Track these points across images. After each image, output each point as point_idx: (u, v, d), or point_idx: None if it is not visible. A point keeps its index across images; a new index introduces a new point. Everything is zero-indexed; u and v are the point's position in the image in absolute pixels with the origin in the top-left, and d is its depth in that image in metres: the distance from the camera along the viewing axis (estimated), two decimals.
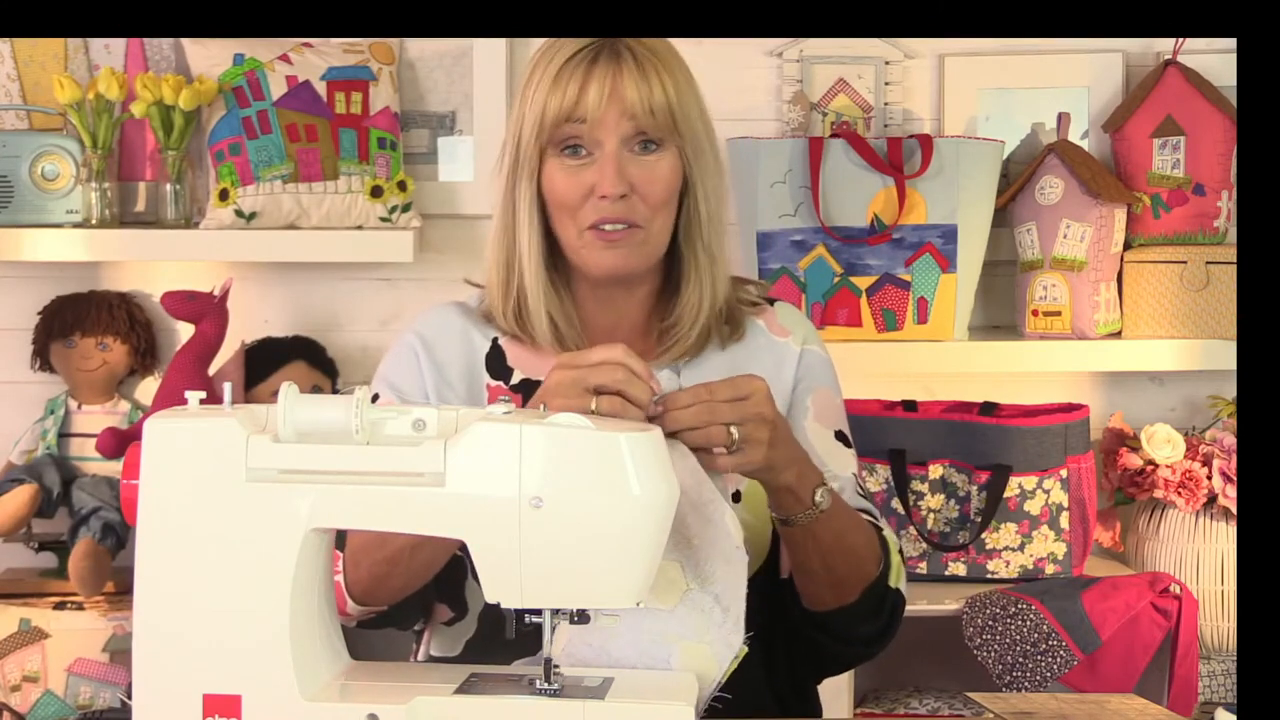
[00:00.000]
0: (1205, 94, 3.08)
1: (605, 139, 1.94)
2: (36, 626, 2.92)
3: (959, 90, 3.18)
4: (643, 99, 1.93)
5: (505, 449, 1.55)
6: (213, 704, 1.58)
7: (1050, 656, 2.73)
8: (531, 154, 1.96)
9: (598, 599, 1.59)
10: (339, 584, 1.93)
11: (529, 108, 1.96)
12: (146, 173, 3.15)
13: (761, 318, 2.09)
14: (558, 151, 1.96)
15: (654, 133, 1.95)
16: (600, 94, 1.92)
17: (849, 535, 1.92)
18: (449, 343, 2.04)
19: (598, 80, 1.93)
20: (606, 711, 1.58)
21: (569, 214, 1.96)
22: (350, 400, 1.58)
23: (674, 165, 1.97)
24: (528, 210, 1.98)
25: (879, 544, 1.97)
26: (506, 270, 2.01)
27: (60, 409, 3.09)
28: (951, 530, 2.95)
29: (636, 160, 1.95)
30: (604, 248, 1.96)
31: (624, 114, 1.93)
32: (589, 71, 1.93)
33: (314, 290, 3.19)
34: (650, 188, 1.95)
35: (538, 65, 1.98)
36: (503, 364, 2.03)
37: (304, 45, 3.07)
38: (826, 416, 2.06)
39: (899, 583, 2.00)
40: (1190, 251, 3.07)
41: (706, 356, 2.04)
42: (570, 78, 1.93)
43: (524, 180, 1.97)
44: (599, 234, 1.95)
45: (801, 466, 1.85)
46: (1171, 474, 2.98)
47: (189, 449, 1.59)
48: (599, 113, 1.92)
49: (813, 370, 2.08)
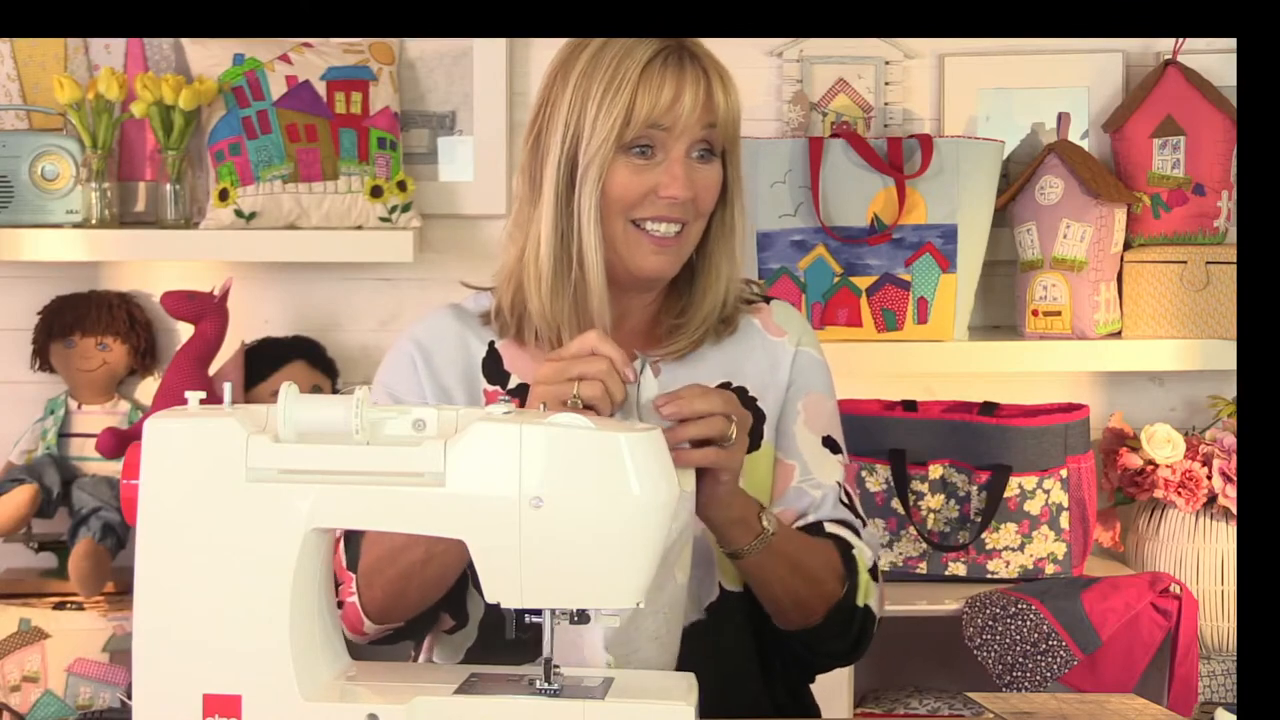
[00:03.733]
0: (1205, 94, 3.08)
1: (676, 143, 1.94)
2: (36, 626, 2.92)
3: (959, 90, 3.18)
4: (723, 109, 1.96)
5: (505, 449, 1.55)
6: (213, 704, 1.58)
7: (1050, 656, 2.73)
8: (606, 154, 1.93)
9: (598, 599, 1.59)
10: (354, 606, 1.93)
11: (603, 110, 1.93)
12: (146, 173, 3.15)
13: (757, 316, 2.09)
14: (626, 150, 1.95)
15: (718, 142, 1.98)
16: (695, 100, 1.93)
17: (804, 557, 1.93)
18: (446, 349, 2.03)
19: (691, 86, 1.94)
20: (606, 711, 1.58)
21: (623, 210, 1.95)
22: (350, 400, 1.58)
23: (720, 174, 1.99)
24: (591, 212, 1.94)
25: (841, 563, 1.97)
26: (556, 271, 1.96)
27: (60, 409, 3.09)
28: (951, 530, 2.95)
29: (696, 167, 1.96)
30: (654, 251, 1.96)
31: (706, 122, 1.95)
32: (680, 76, 1.94)
33: (314, 290, 3.19)
34: (707, 194, 1.97)
35: (603, 65, 1.94)
36: (499, 368, 2.02)
37: (304, 45, 3.07)
38: (816, 422, 2.06)
39: (868, 600, 2.00)
40: (1190, 251, 3.07)
41: (701, 353, 2.04)
42: (663, 81, 1.93)
43: (590, 183, 1.94)
44: (650, 237, 1.96)
45: (745, 496, 1.88)
46: (1171, 474, 2.98)
47: (189, 449, 1.59)
48: (691, 117, 1.94)
49: (806, 373, 2.07)
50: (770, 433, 2.04)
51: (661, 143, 1.94)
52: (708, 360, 2.04)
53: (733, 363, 2.04)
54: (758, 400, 2.04)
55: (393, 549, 1.88)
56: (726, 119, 1.97)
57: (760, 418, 2.03)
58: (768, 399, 2.04)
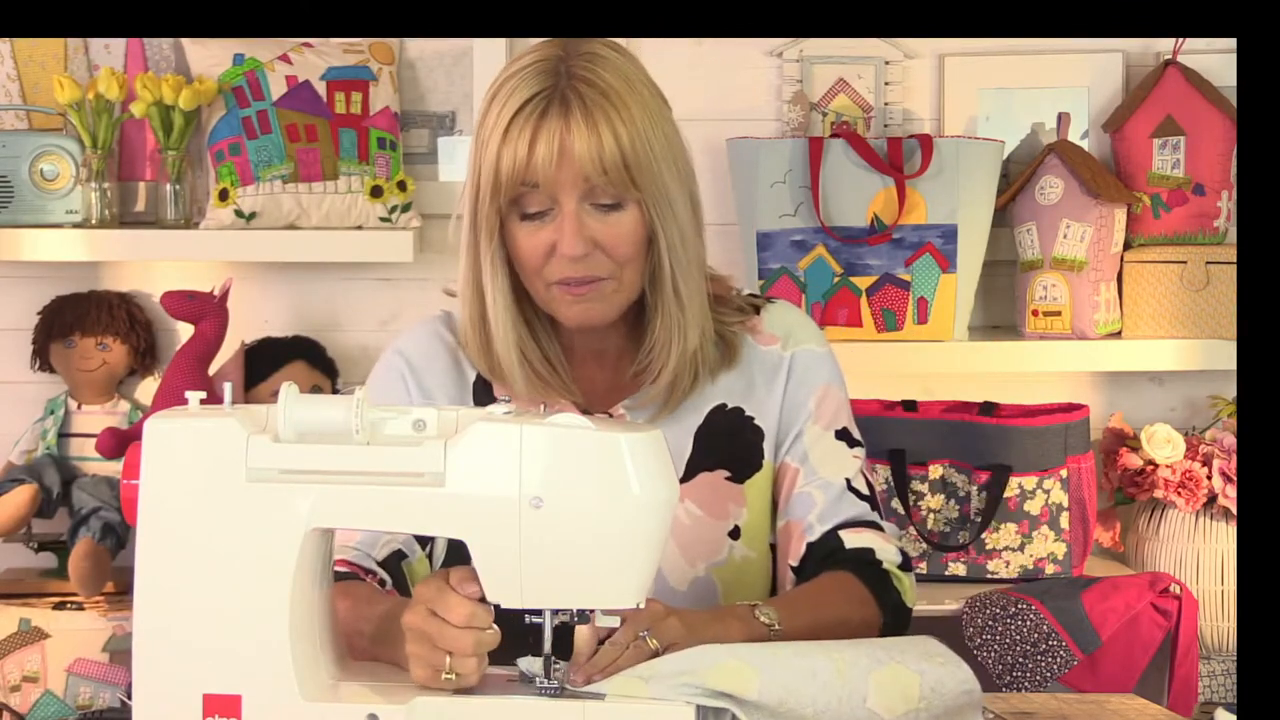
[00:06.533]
0: (1205, 94, 3.08)
1: (562, 197, 1.84)
2: (36, 626, 2.92)
3: (959, 90, 3.18)
4: (593, 156, 1.82)
5: (505, 449, 1.55)
6: (213, 704, 1.58)
7: (1050, 656, 2.73)
8: (489, 214, 1.87)
9: (598, 599, 1.59)
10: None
11: (484, 160, 1.86)
12: (146, 173, 3.15)
13: (750, 329, 2.04)
14: (516, 213, 1.87)
15: (620, 186, 1.85)
16: (550, 152, 1.82)
17: (824, 612, 1.86)
18: (437, 369, 2.01)
19: (546, 137, 1.82)
20: (606, 711, 1.58)
21: (534, 273, 1.89)
22: (350, 400, 1.58)
23: (638, 217, 1.87)
24: (491, 268, 1.90)
25: (867, 586, 1.92)
26: (481, 322, 1.94)
27: (60, 409, 3.09)
28: (951, 530, 2.95)
29: (598, 216, 1.86)
30: (572, 302, 1.89)
31: (576, 173, 1.83)
32: (538, 126, 1.82)
33: (314, 290, 3.19)
34: (614, 245, 1.87)
35: (492, 105, 1.87)
36: (490, 397, 1.98)
37: (304, 45, 3.07)
38: (825, 416, 2.02)
39: (911, 600, 1.98)
40: (1190, 251, 3.07)
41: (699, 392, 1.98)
42: (520, 134, 1.83)
43: (484, 239, 1.89)
44: (565, 289, 1.89)
45: (725, 617, 1.77)
46: (1171, 474, 2.98)
47: (189, 449, 1.59)
48: (550, 172, 1.82)
49: (809, 369, 2.03)
50: (770, 447, 2.01)
51: (548, 197, 1.84)
52: (709, 395, 2.00)
53: (734, 394, 2.01)
54: (755, 419, 2.00)
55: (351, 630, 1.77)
56: (615, 163, 1.83)
57: (759, 435, 2.01)
58: (766, 412, 2.01)
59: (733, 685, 1.57)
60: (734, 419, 2.00)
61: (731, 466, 1.99)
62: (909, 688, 1.61)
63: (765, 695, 1.58)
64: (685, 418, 1.98)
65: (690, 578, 1.96)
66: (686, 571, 1.96)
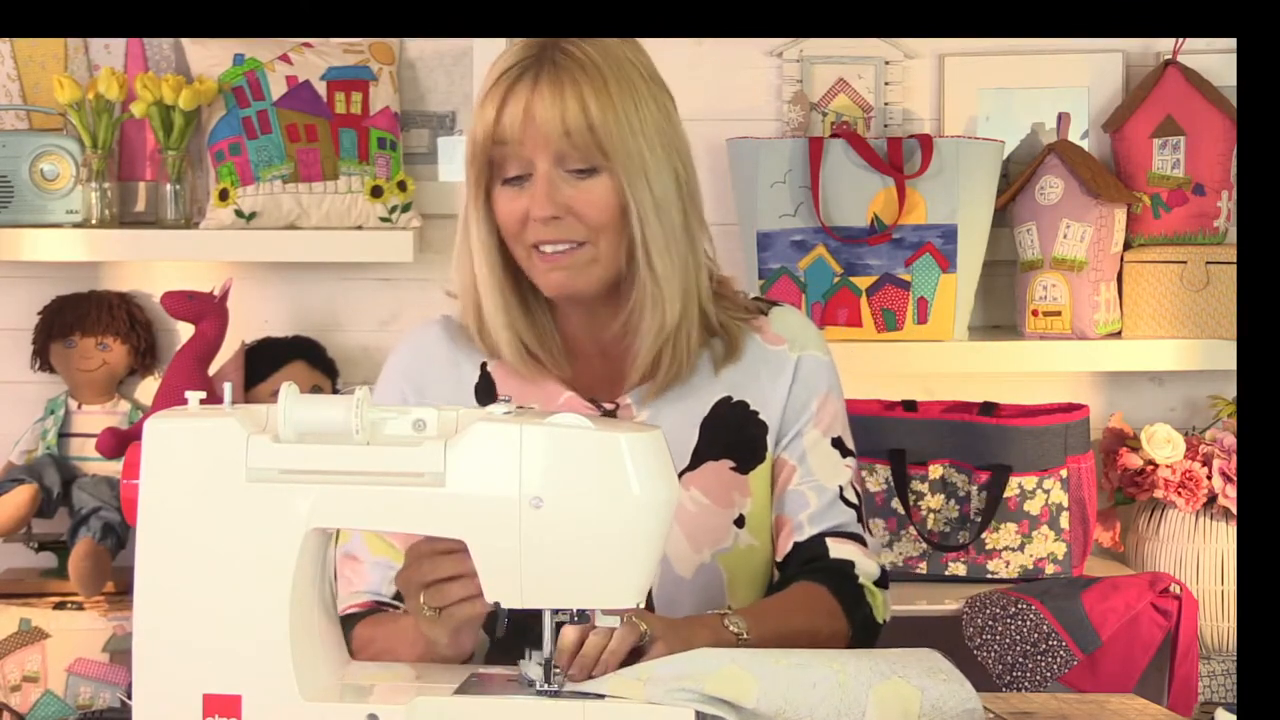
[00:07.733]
0: (1205, 94, 3.08)
1: (536, 160, 1.89)
2: (36, 626, 2.92)
3: (959, 90, 3.18)
4: (555, 118, 1.87)
5: (505, 449, 1.55)
6: (213, 704, 1.58)
7: (1050, 656, 2.73)
8: (472, 177, 1.93)
9: (598, 599, 1.59)
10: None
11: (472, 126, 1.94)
12: (146, 173, 3.15)
13: (757, 329, 2.06)
14: (499, 179, 1.92)
15: (588, 152, 1.88)
16: (516, 112, 1.87)
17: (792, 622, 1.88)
18: (437, 374, 2.02)
19: (513, 101, 1.87)
20: (606, 711, 1.58)
21: (514, 237, 1.93)
22: (350, 400, 1.58)
23: (610, 185, 1.90)
24: (478, 234, 1.95)
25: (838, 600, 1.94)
26: (473, 289, 1.98)
27: (60, 409, 3.09)
28: (951, 530, 2.95)
29: (571, 181, 1.90)
30: (549, 269, 1.92)
31: (542, 135, 1.87)
32: (510, 89, 1.88)
33: (314, 290, 3.19)
34: (585, 210, 1.90)
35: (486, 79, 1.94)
36: (492, 394, 1.99)
37: (304, 45, 3.07)
38: (824, 422, 2.05)
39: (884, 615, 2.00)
40: (1190, 251, 3.07)
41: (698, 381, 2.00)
42: (493, 97, 1.89)
43: (470, 201, 1.95)
44: (542, 256, 1.92)
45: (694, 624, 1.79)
46: (1171, 474, 2.98)
47: (189, 449, 1.59)
48: (517, 134, 1.88)
49: (814, 376, 2.05)
50: (772, 442, 2.03)
51: (523, 161, 1.89)
52: (710, 388, 2.01)
53: (736, 388, 2.02)
54: (759, 413, 2.02)
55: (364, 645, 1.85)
56: (580, 128, 1.87)
57: (762, 429, 2.03)
58: (770, 409, 2.03)
59: (732, 692, 1.58)
60: (739, 412, 2.02)
61: (736, 457, 2.01)
62: (909, 703, 1.61)
63: (764, 704, 1.58)
64: (691, 408, 2.00)
65: (696, 564, 1.97)
66: (693, 559, 1.97)
